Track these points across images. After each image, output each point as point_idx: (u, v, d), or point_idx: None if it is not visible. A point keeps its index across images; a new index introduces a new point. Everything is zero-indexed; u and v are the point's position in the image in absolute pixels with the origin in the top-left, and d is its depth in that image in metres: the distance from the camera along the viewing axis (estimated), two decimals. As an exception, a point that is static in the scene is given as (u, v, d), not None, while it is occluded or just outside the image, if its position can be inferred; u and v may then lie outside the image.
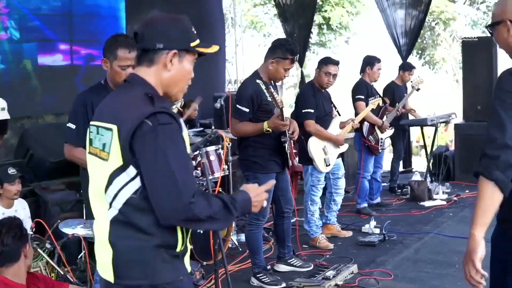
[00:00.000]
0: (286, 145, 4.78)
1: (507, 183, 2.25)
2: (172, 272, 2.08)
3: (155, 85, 2.11)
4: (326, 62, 5.81)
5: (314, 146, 5.68)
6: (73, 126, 3.51)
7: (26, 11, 7.25)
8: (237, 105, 4.68)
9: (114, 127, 2.00)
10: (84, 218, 3.79)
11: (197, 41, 2.15)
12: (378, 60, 7.06)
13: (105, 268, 2.11)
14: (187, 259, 2.16)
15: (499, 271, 2.43)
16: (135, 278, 2.04)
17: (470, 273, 2.31)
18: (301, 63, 11.32)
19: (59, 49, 7.68)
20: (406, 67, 8.18)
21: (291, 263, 5.12)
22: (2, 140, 6.29)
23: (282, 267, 5.12)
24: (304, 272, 5.02)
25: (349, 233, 6.20)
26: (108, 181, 2.03)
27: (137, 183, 2.00)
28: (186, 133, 2.07)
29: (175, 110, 3.49)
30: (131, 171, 1.99)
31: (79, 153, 3.48)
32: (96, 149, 2.11)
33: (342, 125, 5.98)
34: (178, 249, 2.09)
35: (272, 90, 4.53)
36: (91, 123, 2.21)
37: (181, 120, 2.07)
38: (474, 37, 9.02)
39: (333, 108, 6.00)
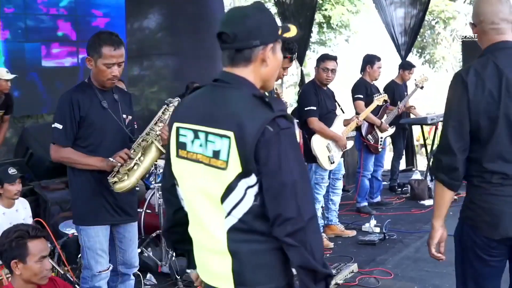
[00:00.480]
0: None
1: (451, 183, 2.61)
2: (290, 272, 2.03)
3: (255, 83, 2.03)
4: (323, 58, 5.85)
5: (318, 144, 5.67)
6: (60, 126, 3.39)
7: (30, 11, 7.24)
8: None
9: (231, 134, 1.88)
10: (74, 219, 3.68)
11: (281, 28, 2.08)
12: (378, 59, 7.06)
13: (219, 277, 2.02)
14: None
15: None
16: (261, 283, 1.97)
17: (430, 252, 2.91)
18: (301, 62, 11.31)
19: (60, 48, 7.68)
20: (406, 66, 8.16)
21: None
22: (8, 122, 6.33)
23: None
24: None
25: (353, 232, 6.18)
26: (226, 190, 1.92)
27: (255, 190, 1.91)
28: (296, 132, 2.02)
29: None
30: (252, 178, 1.90)
31: (66, 153, 3.43)
32: (197, 154, 1.99)
33: (347, 123, 5.99)
34: None
35: (278, 92, 4.55)
36: (180, 125, 2.05)
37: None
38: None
39: (337, 106, 5.99)
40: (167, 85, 8.88)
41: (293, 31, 2.10)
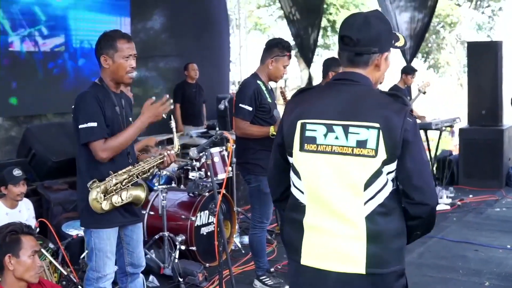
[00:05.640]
0: None
1: None
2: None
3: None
4: (338, 64, 5.82)
5: None
6: (94, 124, 3.31)
7: (31, 9, 7.24)
8: (240, 104, 4.61)
9: (378, 125, 2.07)
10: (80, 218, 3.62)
11: (393, 38, 2.27)
12: (380, 62, 7.04)
13: (349, 260, 2.12)
14: None
15: None
16: (392, 264, 2.15)
17: None
18: (309, 65, 11.32)
19: (63, 48, 7.69)
20: (408, 71, 8.14)
21: None
22: None
23: None
24: None
25: None
26: (371, 177, 2.08)
27: (393, 175, 2.12)
28: None
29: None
30: (393, 165, 2.10)
31: (113, 142, 3.35)
32: (332, 146, 2.13)
33: None
34: None
35: (284, 90, 4.54)
36: (307, 121, 2.18)
37: None
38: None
39: None
40: (172, 87, 8.87)
41: (401, 41, 2.29)
